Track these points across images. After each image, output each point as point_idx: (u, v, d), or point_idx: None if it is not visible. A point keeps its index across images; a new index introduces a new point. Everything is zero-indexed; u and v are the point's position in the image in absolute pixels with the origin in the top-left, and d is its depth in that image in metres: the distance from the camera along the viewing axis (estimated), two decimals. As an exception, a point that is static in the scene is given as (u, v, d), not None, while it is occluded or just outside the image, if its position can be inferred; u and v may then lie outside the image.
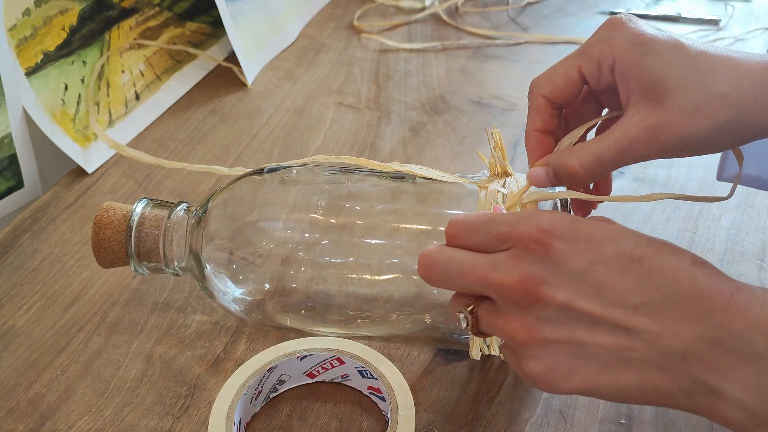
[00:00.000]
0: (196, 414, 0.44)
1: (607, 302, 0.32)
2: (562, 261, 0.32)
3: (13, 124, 0.60)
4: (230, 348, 0.48)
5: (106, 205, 0.47)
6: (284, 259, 0.44)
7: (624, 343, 0.32)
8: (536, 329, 0.33)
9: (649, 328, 0.32)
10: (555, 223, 0.33)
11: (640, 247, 0.33)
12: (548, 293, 0.32)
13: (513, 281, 0.33)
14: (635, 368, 0.32)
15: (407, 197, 0.45)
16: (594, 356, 0.33)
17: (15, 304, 0.52)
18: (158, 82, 0.73)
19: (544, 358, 0.33)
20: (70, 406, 0.45)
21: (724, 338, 0.31)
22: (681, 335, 0.31)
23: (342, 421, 0.43)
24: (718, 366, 0.31)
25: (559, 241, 0.32)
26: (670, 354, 0.32)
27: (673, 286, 0.32)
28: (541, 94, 0.41)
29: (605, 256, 0.32)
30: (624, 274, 0.32)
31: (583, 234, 0.33)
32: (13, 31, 0.58)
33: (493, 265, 0.34)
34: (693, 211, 0.58)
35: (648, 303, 0.32)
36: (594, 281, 0.32)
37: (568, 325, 0.33)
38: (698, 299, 0.31)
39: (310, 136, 0.69)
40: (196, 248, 0.45)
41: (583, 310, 0.32)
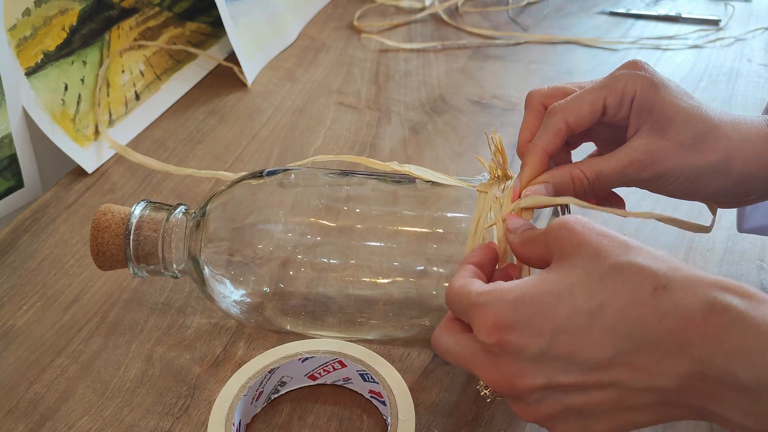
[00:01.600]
0: (196, 414, 0.44)
1: (582, 367, 0.32)
2: (522, 349, 0.32)
3: (13, 124, 0.60)
4: (230, 348, 0.48)
5: (104, 208, 0.46)
6: (283, 261, 0.44)
7: (616, 396, 0.32)
8: (534, 411, 0.34)
9: (632, 377, 0.32)
10: (501, 314, 0.33)
11: (595, 295, 0.32)
12: (523, 383, 0.33)
13: (491, 383, 0.34)
14: (641, 410, 0.33)
15: (407, 200, 0.45)
16: (598, 412, 0.33)
17: (15, 304, 0.52)
18: (158, 82, 0.73)
19: (558, 426, 0.35)
20: (70, 407, 0.45)
21: (709, 372, 0.30)
22: (667, 375, 0.31)
23: (342, 422, 0.44)
24: (712, 396, 0.31)
25: (511, 332, 0.32)
26: (665, 393, 0.32)
27: (641, 330, 0.31)
28: (566, 120, 0.41)
29: (562, 322, 0.32)
30: (587, 334, 0.32)
31: (532, 311, 0.32)
32: (13, 31, 0.58)
33: (473, 363, 0.35)
34: (693, 212, 0.58)
35: (621, 353, 0.31)
36: (560, 353, 0.32)
37: (560, 398, 0.33)
38: (671, 336, 0.31)
39: (310, 136, 0.69)
40: (195, 251, 0.45)
41: (564, 383, 0.33)
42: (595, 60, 0.80)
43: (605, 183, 0.41)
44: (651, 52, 0.82)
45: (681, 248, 0.55)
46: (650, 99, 0.40)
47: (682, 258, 0.54)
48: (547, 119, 0.42)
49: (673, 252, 0.55)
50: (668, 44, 0.83)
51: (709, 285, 0.31)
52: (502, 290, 0.33)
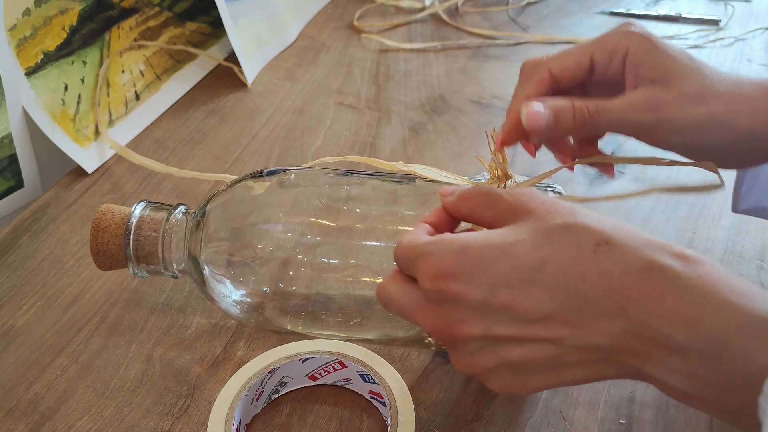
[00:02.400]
0: (196, 414, 0.44)
1: (521, 321, 0.32)
2: (462, 297, 0.33)
3: (13, 124, 0.60)
4: (230, 348, 0.48)
5: (104, 208, 0.46)
6: (283, 261, 0.44)
7: (553, 352, 0.33)
8: (471, 362, 0.34)
9: (570, 334, 0.32)
10: (443, 259, 0.33)
11: (538, 251, 0.32)
12: (463, 331, 0.33)
13: (430, 329, 0.34)
14: (576, 367, 0.33)
15: (407, 200, 0.45)
16: (535, 368, 0.34)
17: (15, 304, 0.52)
18: (158, 82, 0.73)
19: (494, 379, 0.35)
20: (70, 407, 0.45)
21: (645, 332, 0.30)
22: (604, 333, 0.31)
23: (342, 422, 0.44)
24: (648, 356, 0.31)
25: (453, 281, 0.33)
26: (600, 350, 0.32)
27: (581, 287, 0.31)
28: (549, 69, 0.41)
29: (503, 275, 0.32)
30: (527, 288, 0.32)
31: (475, 261, 0.33)
32: (13, 31, 0.58)
33: (415, 310, 0.35)
34: (693, 212, 0.58)
35: (560, 309, 0.32)
36: (500, 305, 0.32)
37: (497, 350, 0.33)
38: (609, 294, 0.31)
39: (310, 136, 0.69)
40: (195, 251, 0.45)
41: (503, 335, 0.33)
42: (595, 60, 0.80)
43: (606, 121, 0.40)
44: (651, 52, 0.82)
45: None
46: (647, 54, 0.40)
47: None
48: (532, 71, 0.42)
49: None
50: (668, 44, 0.83)
51: (650, 245, 0.31)
52: (449, 240, 0.34)
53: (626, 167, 0.63)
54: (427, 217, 0.38)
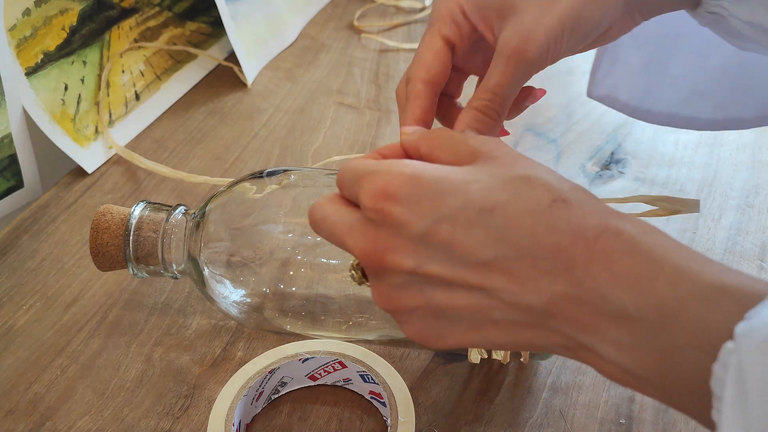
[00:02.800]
0: (196, 414, 0.44)
1: (457, 262, 0.30)
2: (403, 225, 0.30)
3: (13, 124, 0.60)
4: (230, 348, 0.48)
5: (103, 209, 0.46)
6: (283, 262, 0.44)
7: (483, 303, 0.30)
8: (393, 297, 0.32)
9: (505, 286, 0.29)
10: (393, 181, 0.31)
11: (492, 195, 0.30)
12: (394, 260, 0.31)
13: (360, 252, 0.32)
14: (503, 326, 0.31)
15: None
16: (459, 318, 0.31)
17: (15, 304, 0.52)
18: (158, 82, 0.73)
19: (412, 322, 0.32)
20: (70, 407, 0.45)
21: (589, 297, 0.28)
22: (541, 292, 0.29)
23: (342, 423, 0.44)
24: (587, 325, 0.29)
25: (397, 205, 0.30)
26: (533, 311, 0.29)
27: (529, 238, 0.29)
28: (420, 79, 0.39)
29: (450, 210, 0.30)
30: (472, 229, 0.30)
31: (425, 190, 0.30)
32: (13, 31, 0.58)
33: (348, 231, 0.32)
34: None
35: (501, 258, 0.29)
36: (439, 241, 0.30)
37: (423, 290, 0.31)
38: (557, 252, 0.29)
39: (310, 136, 0.69)
40: (194, 252, 0.45)
41: (434, 274, 0.30)
42: (595, 60, 0.80)
43: (506, 94, 0.38)
44: (651, 52, 0.82)
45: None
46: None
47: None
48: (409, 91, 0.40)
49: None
50: (668, 44, 0.83)
51: (607, 210, 0.30)
52: (403, 163, 0.32)
53: (627, 167, 0.63)
54: (381, 149, 0.36)
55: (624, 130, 0.68)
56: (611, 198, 0.40)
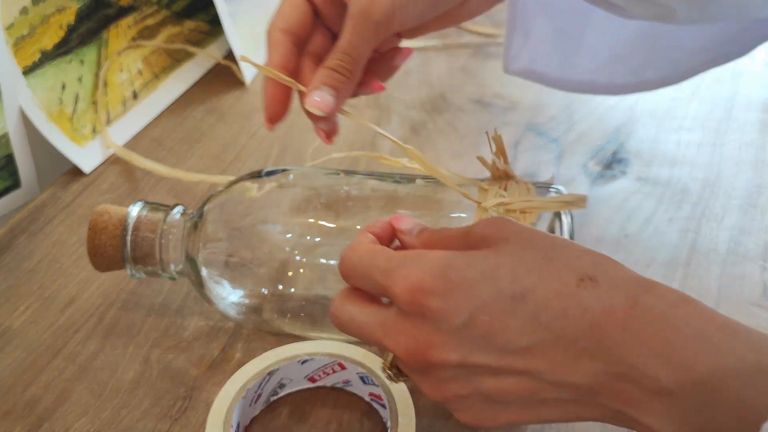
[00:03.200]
0: (194, 416, 0.44)
1: (500, 351, 0.31)
2: (442, 318, 0.31)
3: (10, 123, 0.59)
4: (228, 350, 0.48)
5: (100, 209, 0.46)
6: (282, 263, 0.43)
7: (531, 386, 0.31)
8: (443, 389, 0.33)
9: (548, 368, 0.30)
10: (424, 275, 0.31)
11: (519, 280, 0.31)
12: (439, 356, 0.31)
13: (402, 351, 0.32)
14: (553, 405, 0.32)
15: (407, 200, 0.45)
16: (509, 401, 0.32)
17: (11, 306, 0.52)
18: (156, 81, 0.73)
19: (464, 410, 0.33)
20: (67, 408, 0.45)
21: (629, 374, 0.29)
22: (584, 372, 0.30)
23: (341, 425, 0.43)
24: (632, 400, 0.29)
25: (433, 298, 0.31)
26: (579, 390, 0.30)
27: (562, 322, 0.30)
28: (277, 28, 0.40)
29: (485, 301, 0.31)
30: (508, 317, 0.30)
31: (457, 281, 0.31)
32: (11, 30, 0.58)
33: (383, 331, 0.33)
34: (696, 212, 0.58)
35: (540, 343, 0.30)
36: (480, 332, 0.31)
37: (472, 379, 0.32)
38: (591, 332, 0.29)
39: (309, 135, 0.68)
40: (193, 252, 0.45)
41: (480, 364, 0.31)
42: (596, 59, 0.80)
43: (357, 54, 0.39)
44: (652, 50, 0.82)
45: (683, 248, 0.55)
46: None
47: (685, 258, 0.54)
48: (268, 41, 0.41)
49: (675, 252, 0.54)
50: (670, 43, 0.83)
51: (635, 282, 0.30)
52: (428, 255, 0.32)
53: (629, 166, 0.63)
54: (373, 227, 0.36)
55: (626, 130, 0.67)
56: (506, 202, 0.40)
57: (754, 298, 0.50)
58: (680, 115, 0.69)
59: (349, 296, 0.35)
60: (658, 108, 0.70)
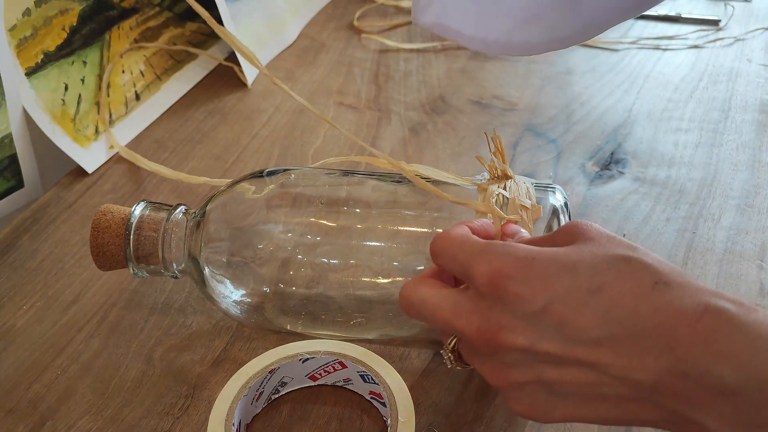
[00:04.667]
0: (196, 414, 0.44)
1: (569, 340, 0.32)
2: (518, 303, 0.32)
3: (13, 124, 0.60)
4: (230, 348, 0.48)
5: (103, 208, 0.46)
6: (283, 261, 0.44)
7: (593, 379, 0.32)
8: (505, 374, 0.33)
9: (615, 363, 0.31)
10: (508, 262, 0.33)
11: (598, 275, 0.32)
12: (508, 339, 0.32)
13: (472, 330, 0.33)
14: (611, 401, 0.32)
15: (407, 200, 0.45)
16: (568, 393, 0.33)
17: (15, 304, 0.52)
18: (158, 82, 0.73)
19: (521, 398, 0.34)
20: (70, 406, 0.45)
21: (693, 372, 0.30)
22: (648, 369, 0.31)
23: (342, 422, 0.44)
24: (693, 399, 0.30)
25: (513, 283, 0.32)
26: (640, 387, 0.31)
27: (633, 318, 0.31)
28: None
29: (561, 291, 0.32)
30: (582, 309, 0.32)
31: (538, 271, 0.32)
32: (14, 31, 0.58)
33: (455, 311, 0.34)
34: (693, 212, 0.58)
35: (610, 337, 0.31)
36: (552, 320, 0.32)
37: (535, 366, 0.33)
38: (661, 330, 0.30)
39: (310, 136, 0.69)
40: (195, 251, 0.45)
41: (547, 352, 0.32)
42: (595, 60, 0.80)
43: None
44: (651, 52, 0.82)
45: (681, 248, 0.55)
46: None
47: (682, 257, 0.54)
48: None
49: (672, 251, 0.55)
50: (668, 44, 0.83)
51: (706, 291, 0.31)
52: (515, 247, 0.33)
53: (627, 167, 0.63)
54: (471, 222, 0.38)
55: (624, 130, 0.68)
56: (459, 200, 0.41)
57: (751, 297, 0.51)
58: (678, 116, 0.70)
59: (422, 280, 0.36)
60: (656, 109, 0.71)
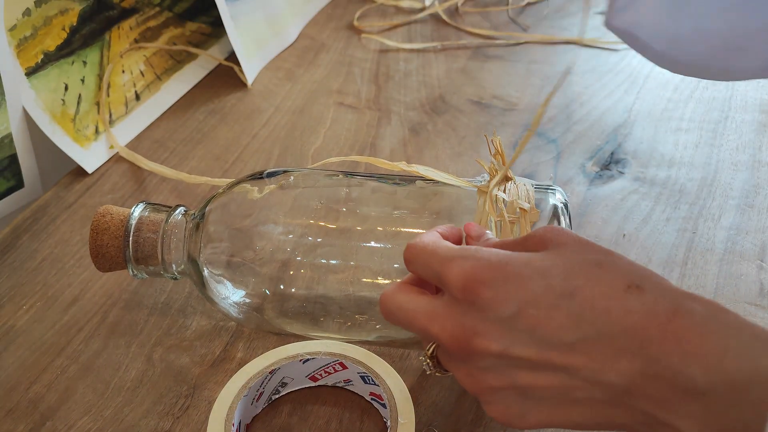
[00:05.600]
0: (196, 414, 0.44)
1: (542, 344, 0.32)
2: (491, 308, 0.32)
3: (13, 124, 0.60)
4: (230, 348, 0.48)
5: (102, 210, 0.46)
6: (283, 262, 0.44)
7: (567, 383, 0.32)
8: (480, 379, 0.34)
9: (588, 366, 0.31)
10: (480, 266, 0.33)
11: (570, 279, 0.32)
12: (481, 344, 0.32)
13: (446, 336, 0.33)
14: (585, 405, 0.32)
15: (407, 201, 0.45)
16: (542, 398, 0.33)
17: (15, 305, 0.52)
18: (158, 82, 0.73)
19: (496, 403, 0.34)
20: (70, 406, 0.45)
21: (665, 373, 0.30)
22: (621, 371, 0.31)
23: (342, 423, 0.44)
24: (665, 401, 0.30)
25: (486, 287, 0.32)
26: (613, 389, 0.31)
27: (605, 320, 0.31)
28: None
29: (534, 295, 0.32)
30: (555, 313, 0.32)
31: (511, 275, 0.32)
32: (14, 31, 0.58)
33: (430, 317, 0.34)
34: (693, 211, 0.58)
35: (582, 340, 0.31)
36: (525, 325, 0.32)
37: (509, 371, 0.33)
38: (632, 332, 0.31)
39: (310, 136, 0.69)
40: (194, 252, 0.45)
41: (520, 356, 0.32)
42: (595, 60, 0.80)
43: None
44: (651, 52, 0.82)
45: (681, 248, 0.55)
46: None
47: (682, 257, 0.54)
48: None
49: (672, 251, 0.55)
50: (668, 44, 0.83)
51: (680, 292, 0.32)
52: (487, 251, 0.34)
53: (627, 167, 0.63)
54: (440, 228, 0.38)
55: (624, 131, 0.68)
56: None
57: (751, 298, 0.51)
58: (678, 116, 0.70)
59: (400, 287, 0.36)
60: (656, 109, 0.71)
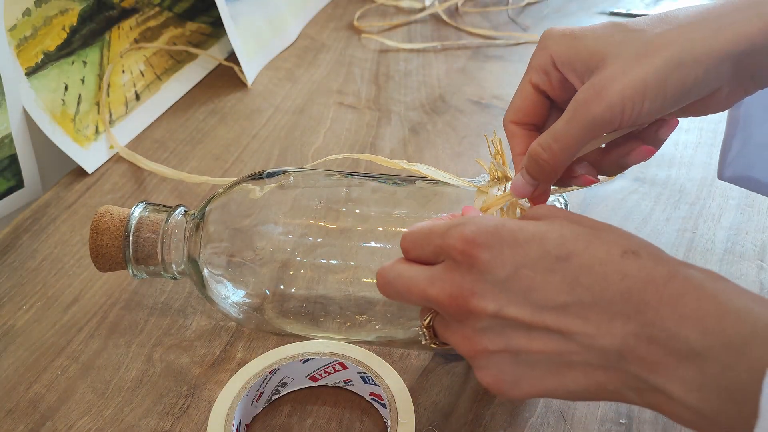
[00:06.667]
0: (196, 414, 0.44)
1: (536, 306, 0.32)
2: (488, 270, 0.32)
3: (13, 124, 0.60)
4: (230, 348, 0.48)
5: (102, 210, 0.46)
6: (283, 263, 0.44)
7: (561, 347, 0.32)
8: (475, 341, 0.34)
9: (582, 330, 0.31)
10: (479, 231, 0.33)
11: (566, 244, 0.32)
12: (478, 304, 0.33)
13: (444, 296, 0.33)
14: (578, 370, 0.32)
15: (407, 201, 0.45)
16: (536, 362, 0.33)
17: (15, 305, 0.52)
18: (158, 82, 0.73)
19: (490, 367, 0.34)
20: (70, 406, 0.45)
21: (659, 336, 0.30)
22: (615, 334, 0.31)
23: (342, 423, 0.44)
24: (658, 364, 0.30)
25: (483, 250, 0.32)
26: (607, 354, 0.31)
27: (602, 284, 0.31)
28: (510, 121, 0.41)
29: (530, 258, 0.32)
30: (550, 275, 0.32)
31: (508, 239, 0.33)
32: (14, 31, 0.58)
33: (430, 280, 0.34)
34: (693, 211, 0.58)
35: (578, 303, 0.31)
36: (521, 286, 0.32)
37: (504, 333, 0.33)
38: (628, 296, 0.31)
39: (310, 136, 0.69)
40: (194, 252, 0.45)
41: (515, 318, 0.32)
42: (595, 60, 0.80)
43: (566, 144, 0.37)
44: (651, 52, 0.82)
45: (681, 247, 0.55)
46: (570, 47, 0.38)
47: (682, 257, 0.54)
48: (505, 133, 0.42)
49: (672, 251, 0.55)
50: (668, 44, 0.83)
51: (676, 261, 0.32)
52: (484, 218, 0.34)
53: (626, 167, 0.63)
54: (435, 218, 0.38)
55: (624, 130, 0.68)
56: None
57: (751, 298, 0.51)
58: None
59: (399, 260, 0.36)
60: (657, 109, 0.71)
